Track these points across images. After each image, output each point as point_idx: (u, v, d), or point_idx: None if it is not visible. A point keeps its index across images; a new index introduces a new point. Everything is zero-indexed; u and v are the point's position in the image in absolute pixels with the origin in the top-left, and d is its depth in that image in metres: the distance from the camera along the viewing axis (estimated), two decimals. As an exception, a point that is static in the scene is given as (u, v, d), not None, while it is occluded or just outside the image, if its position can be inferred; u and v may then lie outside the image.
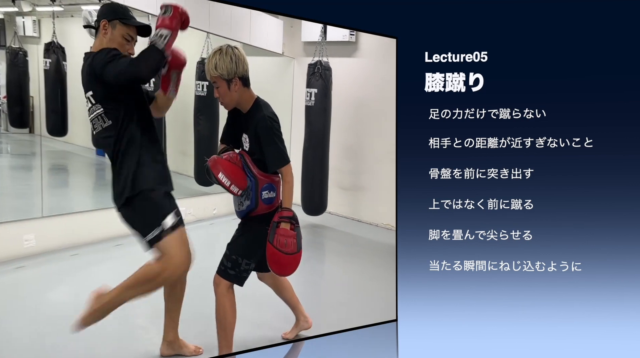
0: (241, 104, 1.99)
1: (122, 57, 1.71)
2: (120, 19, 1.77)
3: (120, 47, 1.77)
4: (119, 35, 1.76)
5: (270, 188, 1.99)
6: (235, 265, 1.98)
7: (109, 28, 1.76)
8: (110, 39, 1.77)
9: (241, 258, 1.98)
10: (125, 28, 1.77)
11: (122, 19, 1.77)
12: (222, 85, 1.90)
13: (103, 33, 1.77)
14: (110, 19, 1.77)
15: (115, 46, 1.76)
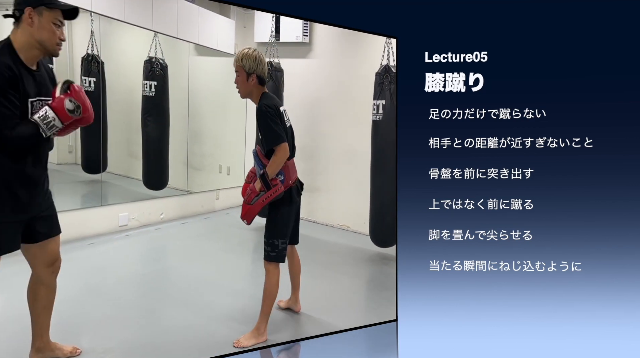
0: (253, 97, 2.32)
1: (8, 104, 1.51)
2: (46, 5, 1.59)
3: (51, 34, 1.61)
4: (47, 22, 1.59)
5: (279, 172, 2.28)
6: (273, 247, 2.31)
7: (35, 15, 1.58)
8: (39, 27, 1.58)
9: (276, 240, 2.31)
10: (53, 13, 1.60)
11: (48, 3, 1.59)
12: (242, 75, 2.26)
13: (29, 22, 1.57)
14: (35, 5, 1.58)
15: (46, 34, 1.60)
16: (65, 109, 1.58)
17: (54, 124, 1.57)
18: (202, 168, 5.64)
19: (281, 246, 2.32)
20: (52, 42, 1.61)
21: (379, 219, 3.90)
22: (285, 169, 2.31)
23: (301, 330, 2.61)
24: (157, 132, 4.55)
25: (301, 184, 2.50)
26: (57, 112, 1.57)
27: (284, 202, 2.33)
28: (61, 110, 1.57)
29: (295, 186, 2.40)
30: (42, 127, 1.56)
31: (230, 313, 2.69)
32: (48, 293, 1.91)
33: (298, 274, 2.69)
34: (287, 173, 2.32)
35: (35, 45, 1.60)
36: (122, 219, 4.24)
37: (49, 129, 1.57)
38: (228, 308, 2.78)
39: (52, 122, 1.57)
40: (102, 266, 3.33)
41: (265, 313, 2.38)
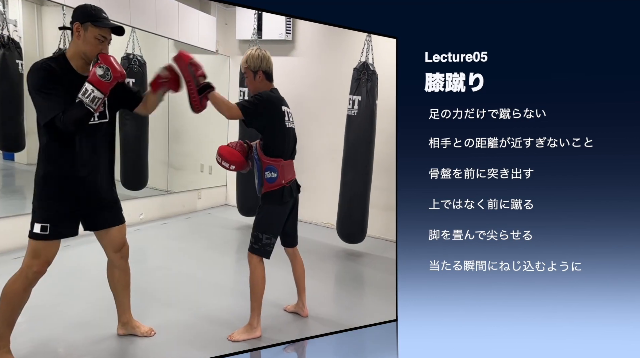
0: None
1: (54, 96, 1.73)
2: (92, 22, 1.79)
3: (93, 47, 1.81)
4: (91, 36, 1.80)
5: (272, 170, 2.34)
6: (257, 240, 2.35)
7: (82, 30, 1.80)
8: (84, 41, 1.80)
9: (261, 234, 2.35)
10: (98, 30, 1.80)
11: (94, 21, 1.80)
12: (249, 75, 2.38)
13: (77, 35, 1.80)
14: (83, 21, 1.80)
15: (89, 47, 1.81)
16: (97, 76, 1.73)
17: (94, 94, 1.73)
18: (183, 167, 5.54)
19: (265, 241, 2.34)
20: (94, 54, 1.80)
21: (346, 215, 3.85)
22: (280, 169, 2.35)
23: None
24: (136, 131, 4.39)
25: (297, 187, 2.50)
26: (92, 83, 1.73)
27: (273, 200, 2.36)
28: (94, 78, 1.73)
29: (289, 187, 2.40)
30: (85, 102, 1.72)
31: (216, 314, 2.66)
32: (123, 275, 2.18)
33: (302, 277, 2.67)
34: (281, 172, 2.35)
35: (81, 56, 1.83)
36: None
37: (91, 101, 1.73)
38: (214, 308, 2.75)
39: (92, 93, 1.73)
40: (79, 268, 3.24)
41: (254, 308, 2.39)
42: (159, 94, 2.13)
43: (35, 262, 1.83)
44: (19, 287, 1.84)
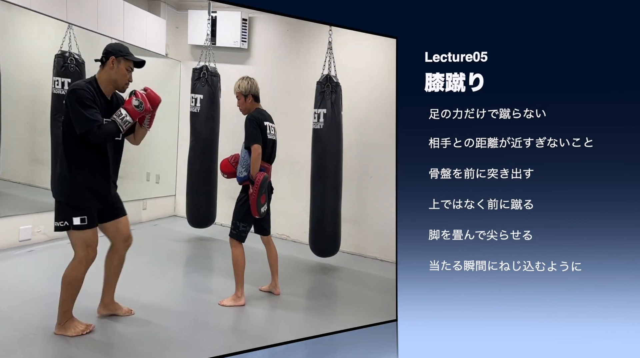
0: (250, 112, 2.88)
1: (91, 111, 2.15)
2: (124, 56, 2.25)
3: (123, 77, 2.26)
4: (122, 68, 2.25)
5: (246, 170, 2.80)
6: (235, 227, 2.81)
7: (116, 63, 2.24)
8: (117, 71, 2.25)
9: (238, 222, 2.80)
10: (128, 62, 2.27)
11: (125, 55, 2.26)
12: (241, 97, 2.88)
13: (110, 66, 2.24)
14: (118, 56, 2.23)
15: (120, 76, 2.26)
16: (132, 105, 2.22)
17: (126, 119, 2.21)
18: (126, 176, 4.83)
19: (241, 228, 2.81)
20: (123, 82, 2.27)
21: (319, 229, 3.66)
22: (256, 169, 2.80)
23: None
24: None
25: (271, 188, 2.97)
26: (127, 110, 2.20)
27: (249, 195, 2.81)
28: (130, 107, 2.21)
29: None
30: (118, 121, 2.19)
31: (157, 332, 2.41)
32: (119, 262, 2.48)
33: (275, 261, 3.06)
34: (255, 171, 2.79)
35: (111, 83, 2.26)
36: (24, 233, 3.64)
37: (123, 123, 2.20)
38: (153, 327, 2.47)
39: (125, 117, 2.20)
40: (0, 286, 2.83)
41: (238, 280, 2.81)
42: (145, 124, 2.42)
43: (89, 249, 2.24)
44: (80, 273, 2.24)
